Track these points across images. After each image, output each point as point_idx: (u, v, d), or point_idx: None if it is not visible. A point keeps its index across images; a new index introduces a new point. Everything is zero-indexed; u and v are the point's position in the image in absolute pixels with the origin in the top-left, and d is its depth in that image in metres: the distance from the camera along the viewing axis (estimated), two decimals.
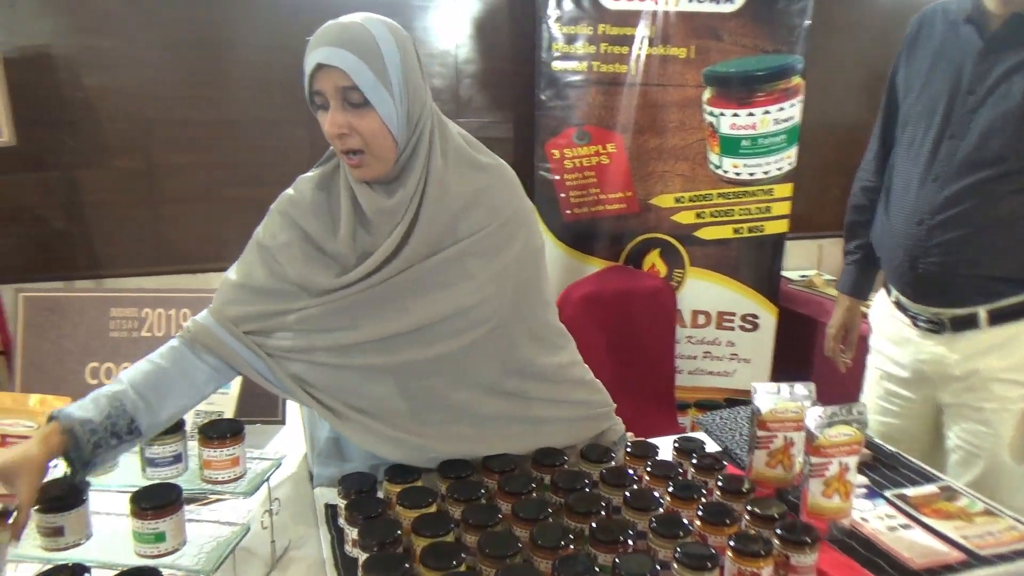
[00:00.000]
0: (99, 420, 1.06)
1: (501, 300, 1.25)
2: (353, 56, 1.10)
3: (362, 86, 1.10)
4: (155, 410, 1.11)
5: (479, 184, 1.25)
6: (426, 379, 1.24)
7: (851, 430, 1.22)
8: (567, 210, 2.70)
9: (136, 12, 2.41)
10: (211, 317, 1.22)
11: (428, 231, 1.19)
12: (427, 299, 1.21)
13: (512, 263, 1.27)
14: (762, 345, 2.80)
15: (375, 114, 1.12)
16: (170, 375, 1.15)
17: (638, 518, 1.15)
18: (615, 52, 2.61)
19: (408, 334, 1.21)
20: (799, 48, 2.64)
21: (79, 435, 1.04)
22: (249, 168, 2.54)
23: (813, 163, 3.20)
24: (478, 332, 1.23)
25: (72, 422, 1.04)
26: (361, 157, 1.15)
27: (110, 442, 1.06)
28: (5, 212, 2.42)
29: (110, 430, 1.06)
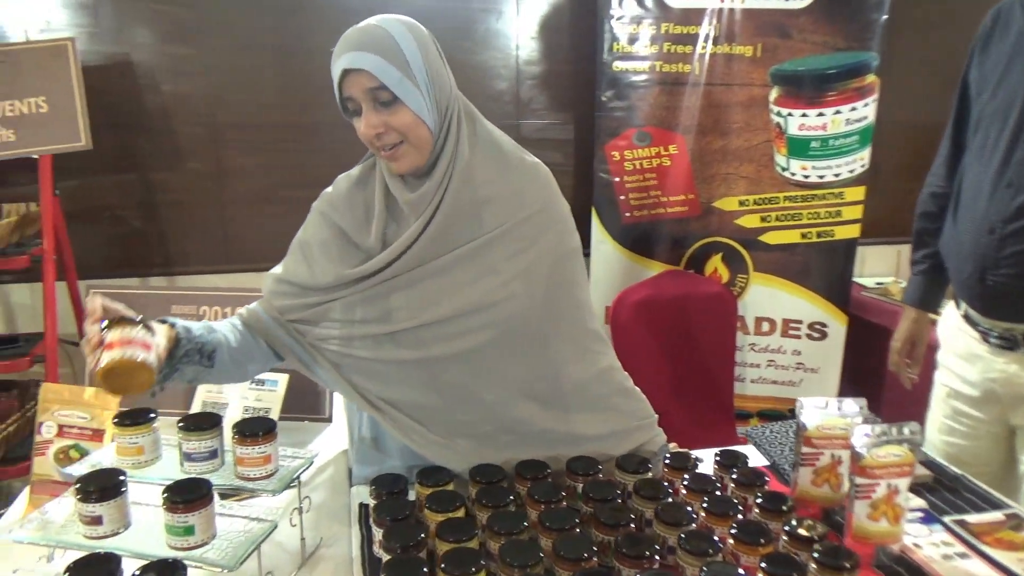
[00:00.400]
0: (196, 333, 1.19)
1: (531, 300, 1.25)
2: (376, 57, 1.13)
3: (389, 84, 1.13)
4: (227, 352, 1.23)
5: (508, 178, 1.27)
6: (457, 376, 1.25)
7: (902, 451, 1.14)
8: (627, 212, 2.65)
9: (210, 22, 2.51)
10: (260, 306, 1.31)
11: (450, 215, 1.21)
12: (453, 291, 1.23)
13: (542, 262, 1.26)
14: (830, 355, 2.68)
15: (406, 109, 1.16)
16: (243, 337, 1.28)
17: (668, 533, 1.12)
18: (678, 51, 2.56)
19: (436, 327, 1.23)
20: (874, 44, 2.52)
21: (181, 338, 1.17)
22: (310, 170, 2.60)
23: (892, 165, 3.06)
24: (504, 328, 1.24)
25: (178, 326, 1.18)
26: (398, 148, 1.18)
27: (193, 357, 1.18)
28: (87, 212, 2.56)
29: (197, 347, 1.18)
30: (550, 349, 1.29)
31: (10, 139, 2.11)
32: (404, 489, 1.25)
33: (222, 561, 1.00)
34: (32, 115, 2.13)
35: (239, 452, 1.14)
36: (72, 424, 1.33)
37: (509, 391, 1.28)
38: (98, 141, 2.41)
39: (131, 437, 1.16)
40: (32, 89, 2.14)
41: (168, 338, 1.14)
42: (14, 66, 2.15)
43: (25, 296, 2.55)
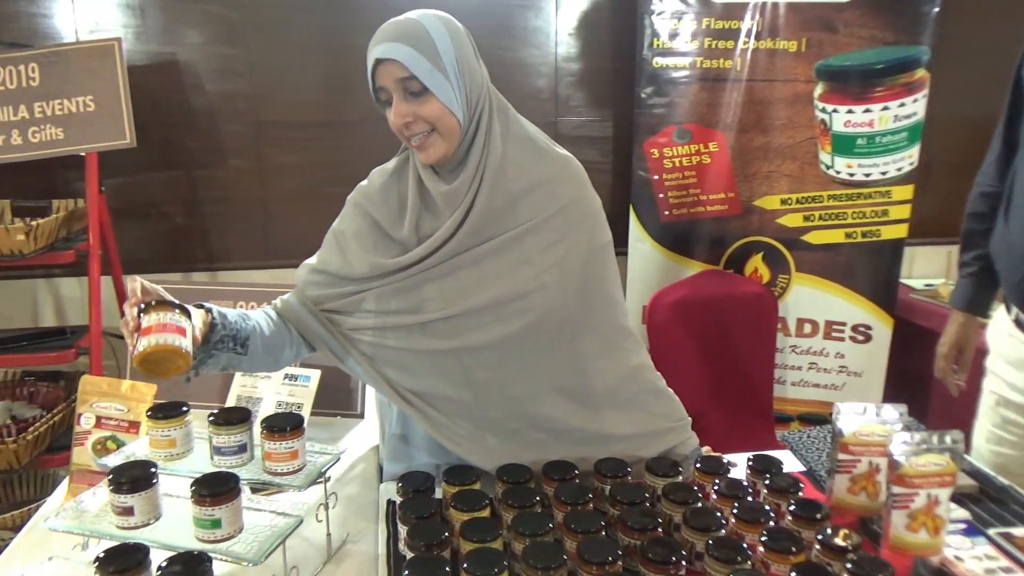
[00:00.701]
0: (232, 321, 1.20)
1: (563, 292, 1.25)
2: (407, 48, 1.15)
3: (419, 74, 1.15)
4: (260, 340, 1.24)
5: (541, 170, 1.27)
6: (487, 368, 1.25)
7: (943, 460, 1.10)
8: (665, 211, 2.61)
9: (255, 22, 2.55)
10: (295, 297, 1.33)
11: (486, 211, 1.22)
12: (486, 282, 1.23)
13: (574, 255, 1.26)
14: (875, 358, 2.61)
15: (435, 99, 1.17)
16: (276, 326, 1.29)
17: (696, 538, 1.09)
18: (720, 47, 2.51)
19: (468, 316, 1.24)
20: (925, 38, 2.44)
21: (217, 323, 1.17)
22: (349, 167, 2.61)
23: (944, 162, 2.96)
24: (536, 319, 1.24)
25: (215, 312, 1.19)
26: (427, 137, 1.19)
27: (228, 343, 1.19)
28: (134, 208, 2.62)
29: (232, 334, 1.19)
30: (580, 343, 1.28)
31: (59, 137, 2.17)
32: (431, 487, 1.25)
33: (247, 555, 1.01)
34: (80, 114, 2.19)
35: (267, 447, 1.15)
36: (109, 416, 1.36)
37: (539, 386, 1.27)
38: (144, 139, 2.47)
39: (164, 430, 1.19)
40: (80, 88, 2.20)
41: (204, 323, 1.16)
42: (64, 66, 2.21)
43: (74, 289, 2.63)
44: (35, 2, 2.44)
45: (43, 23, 2.46)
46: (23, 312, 2.64)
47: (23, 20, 2.44)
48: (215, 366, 1.21)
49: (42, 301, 2.66)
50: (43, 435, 2.05)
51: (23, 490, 2.29)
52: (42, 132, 2.17)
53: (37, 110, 2.18)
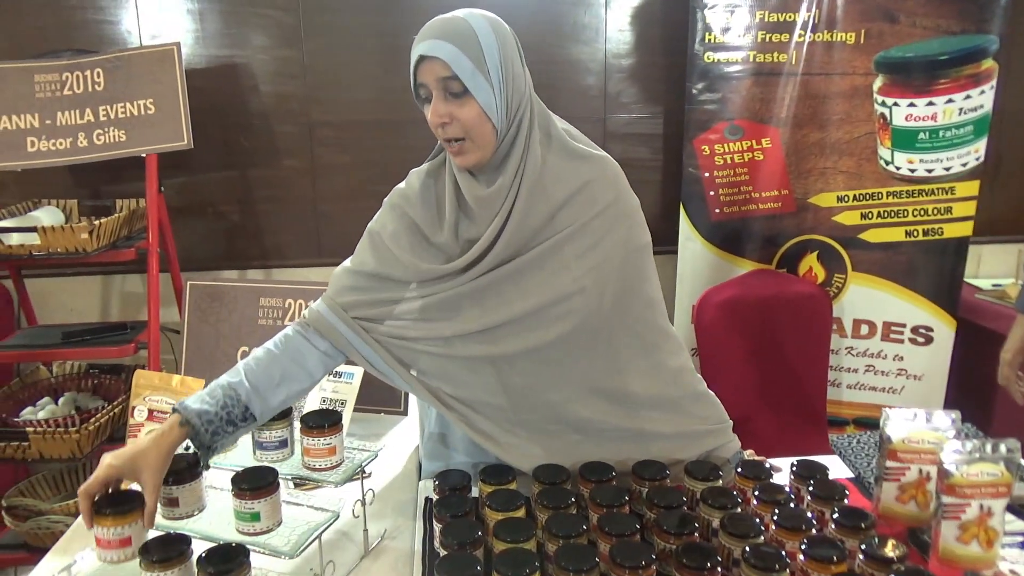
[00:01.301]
0: (215, 411, 1.13)
1: (601, 296, 1.23)
2: (452, 47, 1.13)
3: (461, 75, 1.13)
4: (267, 397, 1.18)
5: (580, 176, 1.25)
6: (524, 373, 1.24)
7: (998, 469, 1.06)
8: (716, 209, 2.56)
9: (309, 25, 2.60)
10: (324, 304, 1.29)
11: (526, 221, 1.20)
12: (525, 290, 1.22)
13: (611, 257, 1.24)
14: (937, 361, 2.51)
15: (474, 103, 1.15)
16: (282, 362, 1.22)
17: (734, 544, 1.07)
18: (774, 40, 2.44)
19: (506, 325, 1.22)
20: (994, 27, 2.32)
21: (197, 426, 1.12)
22: (399, 166, 2.61)
23: (1015, 157, 2.83)
24: (573, 322, 1.22)
25: (190, 414, 1.12)
26: (461, 144, 1.18)
27: (226, 429, 1.14)
28: (192, 207, 2.70)
29: (225, 419, 1.14)
30: (616, 345, 1.27)
31: (121, 139, 2.25)
32: (468, 486, 1.25)
33: (283, 548, 1.04)
34: (141, 116, 2.27)
35: (306, 443, 1.17)
36: (161, 409, 1.41)
37: (575, 388, 1.26)
38: (203, 140, 2.55)
39: None
40: (142, 92, 2.28)
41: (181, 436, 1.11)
42: (126, 70, 2.29)
43: (137, 285, 2.73)
44: (102, 10, 2.54)
45: (109, 30, 2.55)
46: (91, 307, 2.76)
47: (91, 27, 2.55)
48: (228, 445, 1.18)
49: (108, 297, 2.77)
50: (104, 426, 2.13)
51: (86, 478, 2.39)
52: (106, 134, 2.26)
53: (102, 113, 2.27)
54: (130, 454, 1.07)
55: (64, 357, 2.38)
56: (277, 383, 1.20)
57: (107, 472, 1.06)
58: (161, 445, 1.09)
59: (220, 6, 2.56)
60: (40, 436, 2.06)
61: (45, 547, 1.38)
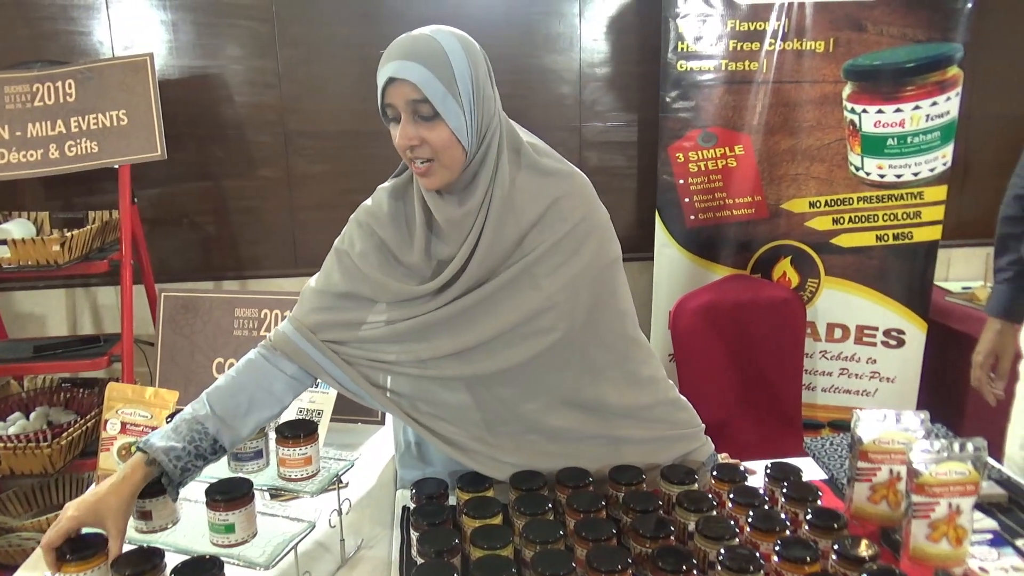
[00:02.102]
0: (182, 447, 1.10)
1: (573, 313, 1.23)
2: (423, 68, 1.10)
3: (432, 98, 1.10)
4: (236, 427, 1.15)
5: (549, 193, 1.23)
6: (498, 389, 1.24)
7: (966, 468, 1.07)
8: (691, 215, 2.59)
9: (284, 36, 2.59)
10: (291, 325, 1.24)
11: (497, 242, 1.19)
12: (496, 312, 1.20)
13: (582, 273, 1.23)
14: (908, 364, 2.55)
15: (444, 126, 1.12)
16: (248, 390, 1.18)
17: (709, 547, 1.08)
18: (745, 49, 2.48)
19: (479, 347, 1.21)
20: (958, 35, 2.38)
21: (164, 464, 1.08)
22: (376, 176, 2.62)
23: (983, 162, 2.90)
24: (547, 340, 1.21)
25: (156, 452, 1.08)
26: (429, 166, 1.15)
27: (196, 463, 1.11)
28: (167, 219, 2.69)
29: (194, 453, 1.10)
30: (590, 357, 1.27)
31: (93, 150, 2.23)
32: (445, 494, 1.25)
33: (258, 559, 1.03)
34: (113, 127, 2.25)
35: (281, 453, 1.17)
36: (135, 422, 1.39)
37: (549, 400, 1.26)
38: (177, 151, 2.54)
39: None
40: (114, 103, 2.26)
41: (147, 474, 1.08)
42: (99, 82, 2.28)
43: (111, 297, 2.70)
44: (74, 21, 2.52)
45: (81, 41, 2.53)
46: (64, 320, 2.72)
47: (63, 38, 2.53)
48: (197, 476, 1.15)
49: (80, 309, 2.74)
50: (76, 440, 2.10)
51: (58, 494, 2.35)
52: (78, 146, 2.24)
53: (73, 124, 2.25)
54: (92, 502, 1.04)
55: (36, 371, 2.35)
56: (245, 412, 1.16)
57: (69, 524, 1.03)
58: (122, 491, 1.06)
59: (194, 16, 2.55)
60: (11, 452, 2.03)
61: (15, 564, 1.36)
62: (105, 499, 1.05)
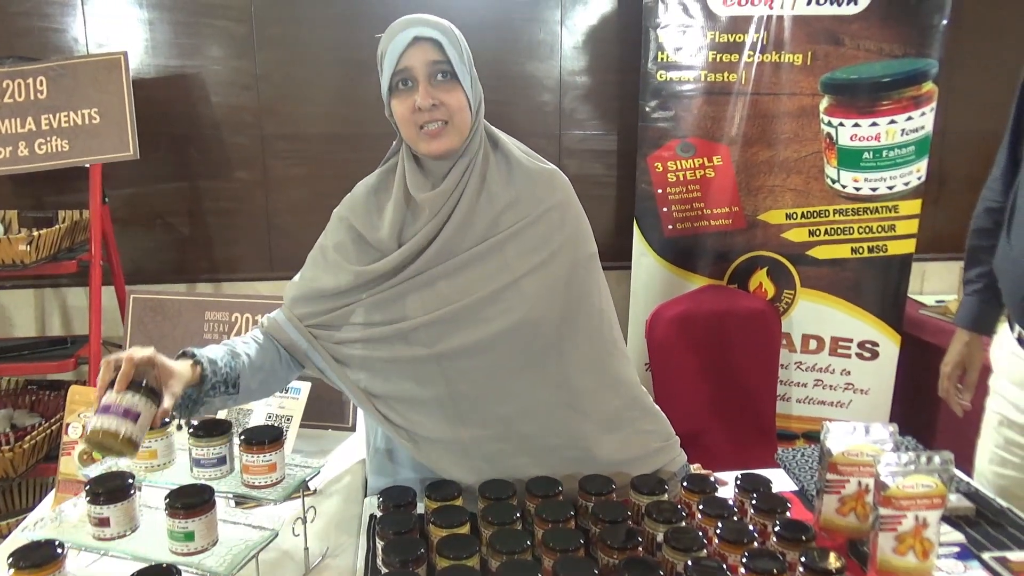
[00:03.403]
0: (221, 365, 1.16)
1: (549, 302, 1.24)
2: (443, 35, 1.18)
3: (453, 58, 1.17)
4: (252, 377, 1.22)
5: (526, 180, 1.28)
6: (473, 380, 1.24)
7: (932, 481, 1.07)
8: (669, 225, 2.59)
9: (262, 36, 2.57)
10: (282, 314, 1.31)
11: (467, 223, 1.23)
12: (466, 288, 1.23)
13: (557, 263, 1.26)
14: (882, 376, 2.56)
15: (460, 89, 1.19)
16: (264, 351, 1.27)
17: (677, 558, 1.07)
18: (724, 60, 2.49)
19: (447, 323, 1.23)
20: (934, 52, 2.40)
21: (207, 373, 1.14)
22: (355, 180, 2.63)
23: (957, 176, 2.93)
24: (514, 321, 1.22)
25: (203, 359, 1.15)
26: (443, 127, 1.19)
27: (219, 388, 1.16)
28: (139, 219, 2.65)
29: (223, 379, 1.17)
30: (565, 356, 1.27)
31: (64, 148, 2.20)
32: (413, 502, 1.24)
33: (218, 568, 1.01)
34: (85, 126, 2.22)
35: (245, 460, 1.14)
36: None
37: (524, 402, 1.26)
38: (152, 151, 2.50)
39: (145, 441, 1.18)
40: (86, 101, 2.23)
41: (194, 376, 1.13)
42: (71, 79, 2.24)
43: (80, 299, 2.66)
44: (47, 17, 2.49)
45: (55, 37, 2.50)
46: (31, 321, 2.67)
47: (36, 35, 2.49)
48: (209, 410, 1.20)
49: (49, 310, 2.69)
50: (40, 444, 2.06)
51: (21, 498, 2.31)
52: (48, 144, 2.20)
53: (44, 122, 2.21)
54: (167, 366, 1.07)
55: (0, 373, 2.30)
56: (259, 368, 1.24)
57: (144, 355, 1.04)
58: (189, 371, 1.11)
59: (171, 16, 2.52)
60: None
61: None
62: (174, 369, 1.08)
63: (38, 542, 1.01)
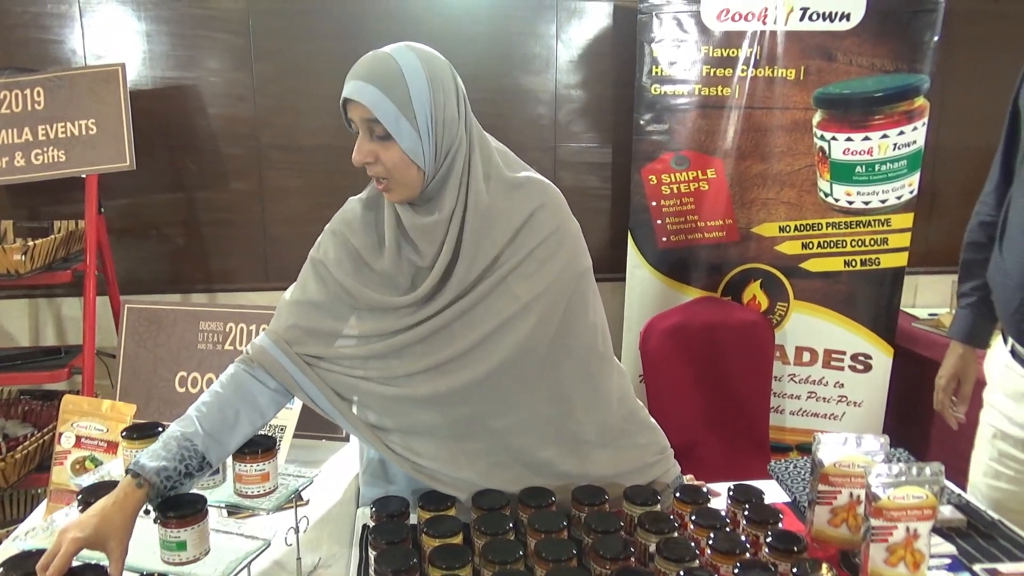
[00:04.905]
0: (173, 465, 1.08)
1: (547, 321, 1.23)
2: (376, 90, 1.13)
3: (383, 120, 1.12)
4: (224, 443, 1.14)
5: (523, 209, 1.24)
6: (470, 402, 1.23)
7: (923, 492, 1.08)
8: (663, 237, 2.61)
9: (260, 49, 2.59)
10: (268, 338, 1.24)
11: (476, 259, 1.20)
12: (472, 324, 1.21)
13: (555, 281, 1.24)
14: (875, 388, 2.57)
15: (396, 146, 1.14)
16: (234, 404, 1.17)
17: (669, 569, 1.07)
18: (718, 74, 2.51)
19: (453, 360, 1.21)
20: (925, 66, 2.43)
21: (156, 484, 1.05)
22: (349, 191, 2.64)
23: (950, 191, 2.95)
24: (517, 345, 1.21)
25: (148, 474, 1.05)
26: (386, 183, 1.18)
27: (183, 481, 1.09)
28: (135, 230, 2.65)
29: (183, 472, 1.08)
30: (559, 371, 1.26)
31: (60, 159, 2.20)
32: (406, 512, 1.24)
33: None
34: (81, 137, 2.22)
35: (238, 469, 1.14)
36: (90, 436, 1.36)
37: (519, 416, 1.25)
38: (149, 162, 2.51)
39: (139, 450, 1.18)
40: (83, 112, 2.24)
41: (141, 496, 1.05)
42: (68, 90, 2.25)
43: (75, 309, 2.65)
44: (46, 29, 2.50)
45: (54, 49, 2.51)
46: (25, 331, 2.67)
47: (34, 46, 2.50)
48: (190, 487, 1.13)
49: (43, 320, 2.68)
50: (32, 454, 2.05)
51: (13, 509, 2.30)
52: (44, 154, 2.21)
53: (40, 133, 2.22)
54: (95, 524, 1.00)
55: None
56: (232, 426, 1.15)
57: (73, 546, 0.97)
58: (126, 510, 1.03)
59: (169, 28, 2.54)
60: None
61: None
62: (108, 520, 1.00)
63: (29, 551, 1.00)
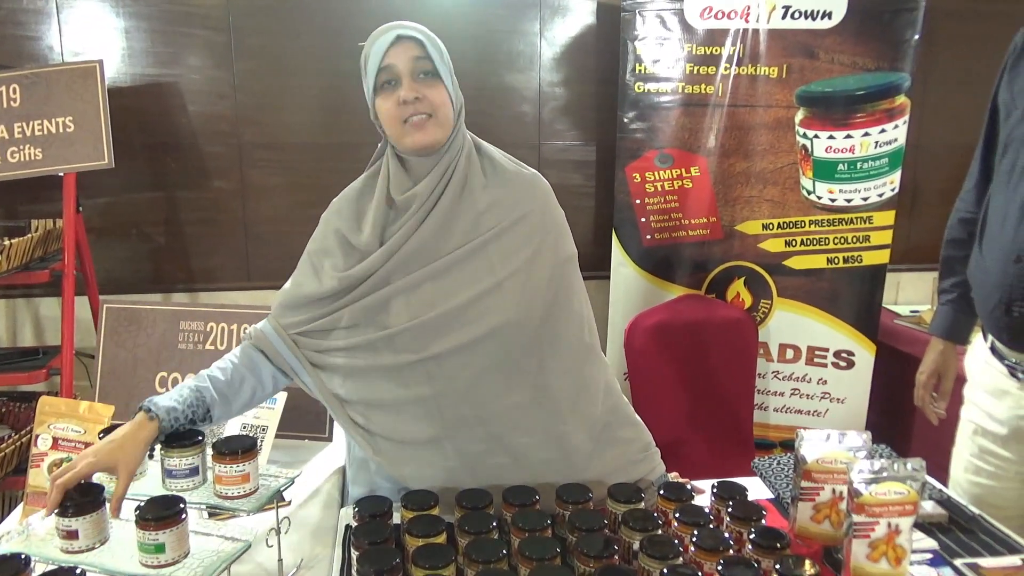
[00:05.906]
0: (181, 410, 1.18)
1: (529, 303, 1.24)
2: (424, 36, 1.23)
3: (433, 57, 1.22)
4: (228, 403, 1.25)
5: (505, 186, 1.29)
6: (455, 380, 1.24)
7: (904, 488, 1.08)
8: (647, 235, 2.61)
9: (241, 46, 2.56)
10: (269, 325, 1.31)
11: (446, 218, 1.24)
12: (449, 291, 1.24)
13: (539, 264, 1.27)
14: (858, 385, 2.59)
15: (442, 85, 1.23)
16: (242, 372, 1.28)
17: (653, 566, 1.07)
18: (701, 72, 2.52)
19: (433, 326, 1.23)
20: (906, 65, 2.45)
21: (164, 422, 1.15)
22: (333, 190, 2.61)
23: (932, 188, 2.97)
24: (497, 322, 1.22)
25: (160, 411, 1.15)
26: (426, 119, 1.22)
27: (186, 426, 1.18)
28: (115, 229, 2.62)
29: (189, 417, 1.19)
30: (544, 358, 1.27)
31: (37, 157, 2.17)
32: (389, 512, 1.23)
33: None
34: (59, 134, 2.19)
35: (218, 470, 1.13)
36: (67, 437, 1.34)
37: (502, 403, 1.25)
38: (128, 160, 2.48)
39: None
40: (60, 109, 2.20)
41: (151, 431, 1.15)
42: (45, 87, 2.22)
43: (53, 309, 2.62)
44: (22, 25, 2.46)
45: (29, 45, 2.47)
46: (2, 331, 2.63)
47: (10, 42, 2.46)
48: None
49: (21, 321, 2.65)
50: (9, 456, 2.02)
51: None
52: (21, 152, 2.18)
53: (17, 130, 2.19)
54: (109, 449, 1.10)
55: None
56: (237, 391, 1.26)
57: (88, 467, 1.08)
58: (139, 439, 1.12)
59: (147, 24, 2.51)
60: None
61: None
62: (122, 447, 1.11)
63: (4, 556, 0.98)
